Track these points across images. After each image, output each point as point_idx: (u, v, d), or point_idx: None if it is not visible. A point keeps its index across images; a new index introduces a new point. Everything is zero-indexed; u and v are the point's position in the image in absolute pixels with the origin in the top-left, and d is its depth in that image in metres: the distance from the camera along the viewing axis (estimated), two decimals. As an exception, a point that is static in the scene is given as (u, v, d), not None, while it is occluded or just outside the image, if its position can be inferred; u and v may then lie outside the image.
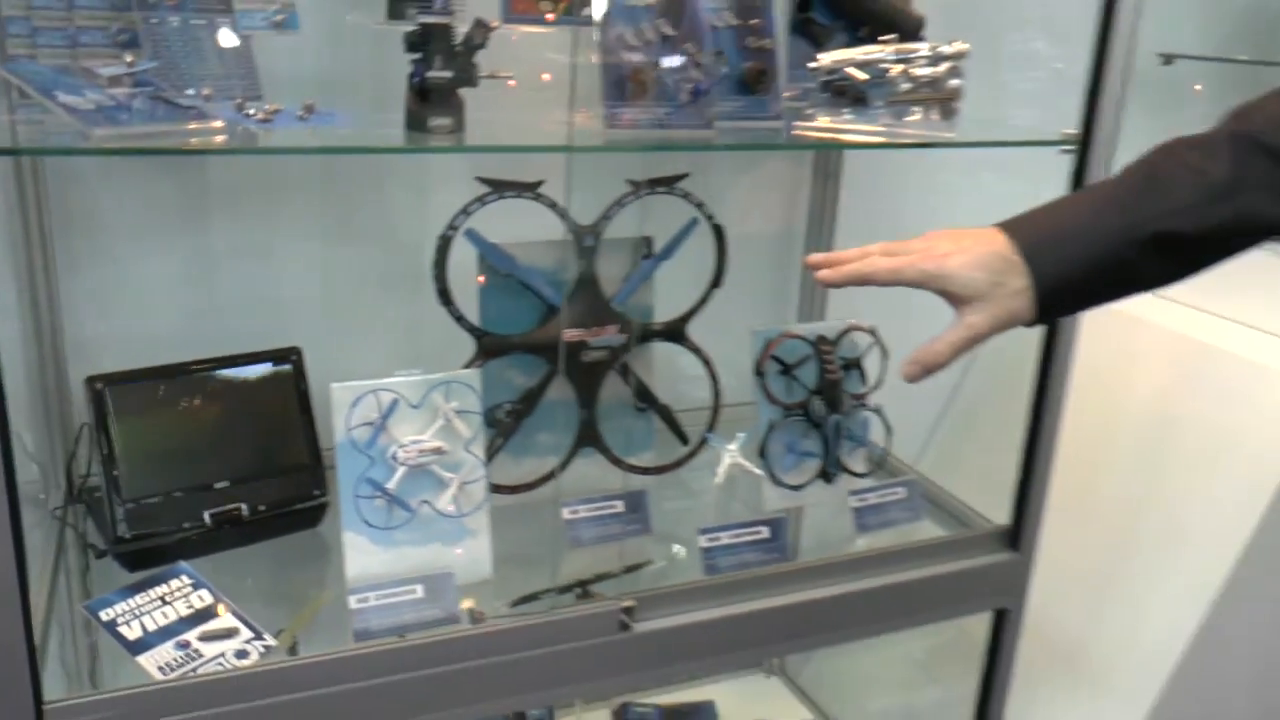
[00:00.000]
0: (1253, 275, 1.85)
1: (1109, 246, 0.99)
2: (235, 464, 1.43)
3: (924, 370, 1.01)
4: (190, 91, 1.17)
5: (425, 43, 1.16)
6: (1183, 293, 1.94)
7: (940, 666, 1.94)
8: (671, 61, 1.25)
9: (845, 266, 1.01)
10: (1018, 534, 1.56)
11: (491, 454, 1.48)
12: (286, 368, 1.49)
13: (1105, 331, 1.95)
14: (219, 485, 1.42)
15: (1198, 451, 1.78)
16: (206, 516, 1.39)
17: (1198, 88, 2.24)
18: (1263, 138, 0.96)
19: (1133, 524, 1.82)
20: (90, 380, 1.35)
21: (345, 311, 1.64)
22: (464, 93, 1.21)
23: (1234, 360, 1.79)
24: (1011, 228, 1.00)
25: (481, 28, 1.17)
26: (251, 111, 1.17)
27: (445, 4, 1.15)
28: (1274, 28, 2.04)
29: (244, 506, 1.42)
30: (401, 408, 1.34)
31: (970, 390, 2.11)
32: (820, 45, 1.58)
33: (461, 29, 1.19)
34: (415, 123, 1.18)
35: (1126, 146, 1.89)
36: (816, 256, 1.05)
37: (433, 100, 1.17)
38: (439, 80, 1.15)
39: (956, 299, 0.99)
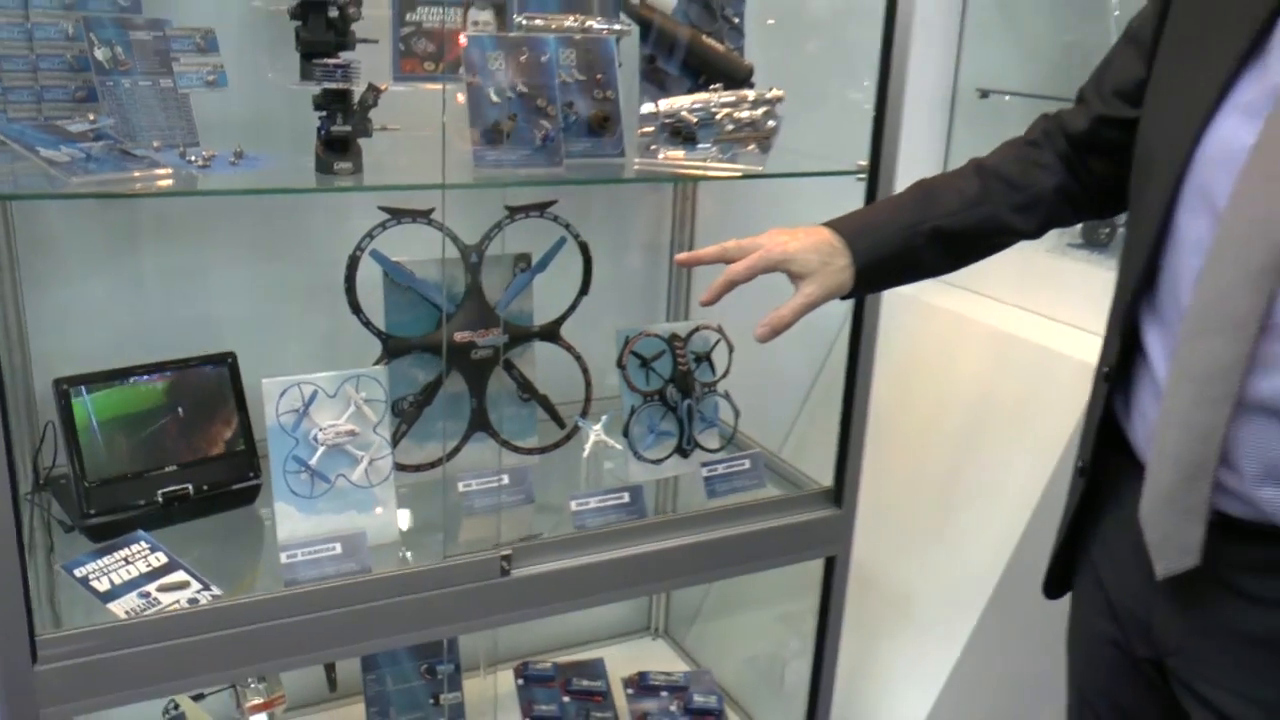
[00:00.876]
0: (1059, 277, 2.23)
1: (903, 236, 1.38)
2: (182, 451, 1.71)
3: (772, 331, 1.35)
4: (142, 144, 1.46)
5: (328, 104, 1.46)
6: (1000, 291, 2.32)
7: (800, 622, 2.25)
8: (526, 112, 1.57)
9: (715, 285, 1.34)
10: (840, 493, 1.88)
11: (398, 439, 1.77)
12: (224, 369, 1.77)
13: (932, 326, 2.30)
14: (169, 469, 1.69)
15: (1004, 424, 2.11)
16: (159, 495, 1.67)
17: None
18: (998, 169, 1.40)
19: (950, 487, 2.16)
20: (58, 381, 1.62)
21: (273, 321, 1.92)
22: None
23: (1032, 347, 2.13)
24: (834, 224, 1.39)
25: (373, 90, 1.47)
26: (192, 158, 1.46)
27: (344, 72, 1.45)
28: (1086, 66, 2.37)
29: (190, 487, 1.70)
30: (320, 398, 1.62)
31: (822, 384, 2.44)
32: (667, 91, 1.89)
33: (359, 90, 1.49)
34: (323, 166, 1.48)
35: (954, 164, 2.27)
36: (683, 255, 1.42)
37: (336, 149, 1.47)
38: (340, 133, 1.45)
39: (796, 276, 1.35)
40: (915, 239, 1.38)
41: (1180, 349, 1.17)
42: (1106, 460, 1.34)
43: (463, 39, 1.56)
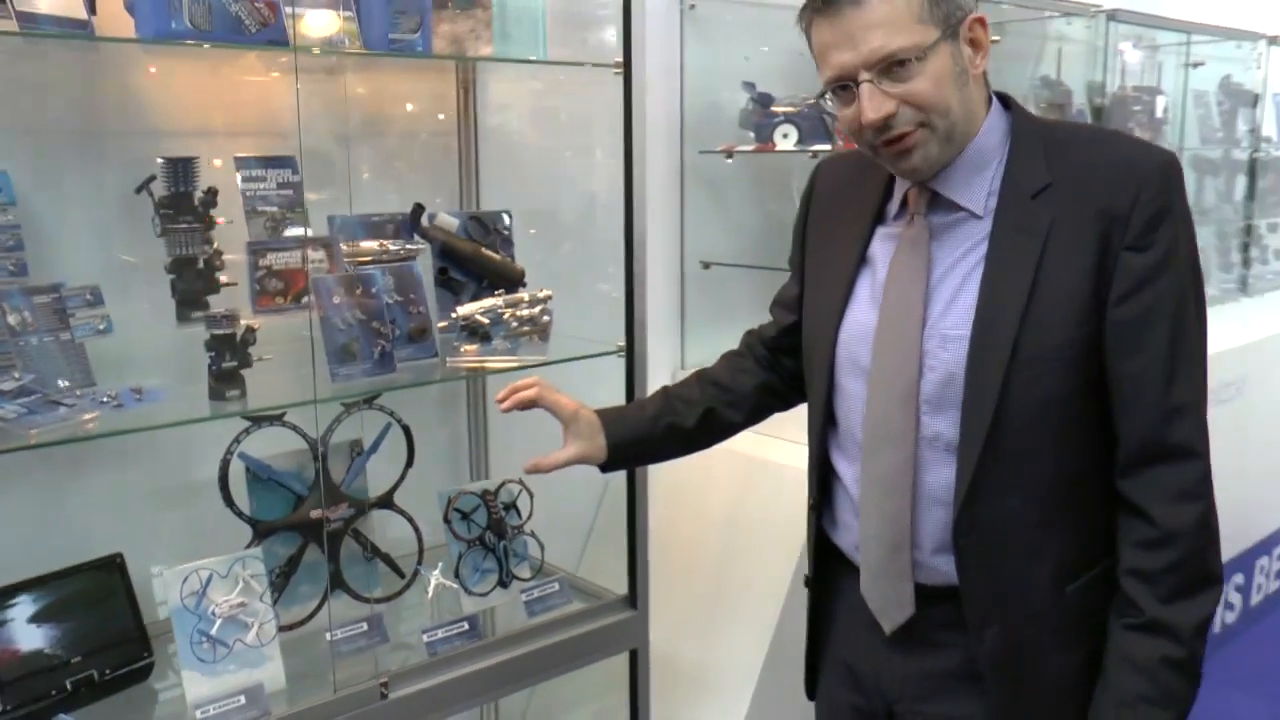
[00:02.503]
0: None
1: (646, 428, 1.82)
2: (86, 643, 2.01)
3: (536, 468, 1.79)
4: (57, 393, 1.82)
5: (217, 345, 1.87)
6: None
7: (615, 715, 2.70)
8: (365, 334, 2.02)
9: (505, 391, 1.79)
10: (634, 598, 2.36)
11: (273, 603, 2.13)
12: (114, 570, 2.09)
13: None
14: (74, 660, 2.00)
15: (757, 526, 2.66)
16: (68, 684, 1.97)
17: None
18: (713, 375, 1.88)
19: (720, 582, 2.69)
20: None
21: (160, 517, 2.25)
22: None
23: (773, 465, 2.70)
24: (600, 411, 1.83)
25: (250, 330, 1.89)
26: (104, 399, 1.83)
27: (228, 320, 1.87)
28: (780, 235, 2.91)
29: (94, 673, 2.01)
30: (214, 579, 1.98)
31: (603, 513, 2.93)
32: (458, 295, 2.37)
33: (239, 331, 1.90)
34: (216, 394, 1.89)
35: (691, 328, 2.82)
36: (501, 392, 1.83)
37: (226, 379, 1.88)
38: (230, 368, 1.87)
39: (567, 431, 1.80)
40: (655, 429, 1.83)
41: (865, 461, 1.58)
42: (827, 567, 1.74)
43: (310, 280, 2.00)
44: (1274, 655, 4.37)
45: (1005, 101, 1.58)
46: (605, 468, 1.85)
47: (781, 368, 1.87)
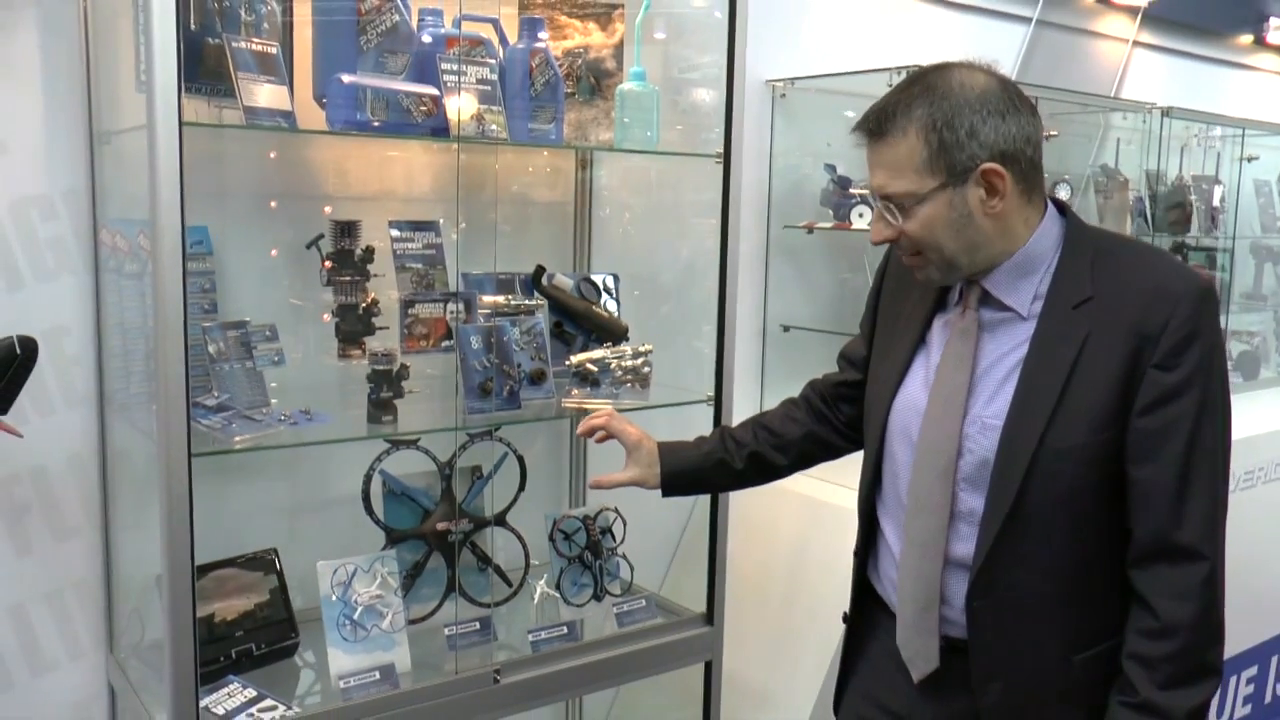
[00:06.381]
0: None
1: (698, 462, 2.05)
2: (246, 621, 2.39)
3: (598, 485, 2.07)
4: (248, 410, 2.22)
5: (377, 379, 2.26)
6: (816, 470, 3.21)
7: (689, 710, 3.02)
8: (498, 375, 2.41)
9: (585, 422, 2.10)
10: (710, 615, 2.69)
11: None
12: (270, 562, 2.48)
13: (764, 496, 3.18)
14: (238, 634, 2.38)
15: (820, 562, 2.98)
16: (233, 653, 2.35)
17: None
18: (765, 420, 2.09)
19: (786, 611, 3.01)
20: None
21: (313, 517, 2.64)
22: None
23: (833, 507, 3.02)
24: (663, 445, 2.07)
25: (404, 368, 2.28)
26: (281, 418, 2.22)
27: (386, 357, 2.25)
28: (854, 302, 3.21)
29: (252, 646, 2.39)
30: (358, 573, 2.36)
31: (685, 543, 3.27)
32: (569, 346, 2.73)
33: (395, 367, 2.29)
34: (373, 419, 2.27)
35: (770, 383, 3.16)
36: (582, 422, 2.12)
37: (382, 408, 2.26)
38: (386, 398, 2.25)
39: (629, 458, 2.06)
40: (706, 464, 2.05)
41: (907, 525, 1.72)
42: (864, 608, 1.89)
43: (455, 328, 2.39)
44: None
45: (1061, 208, 1.71)
46: (664, 493, 2.07)
47: (838, 415, 2.05)
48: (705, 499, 2.71)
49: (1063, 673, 1.65)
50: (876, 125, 1.59)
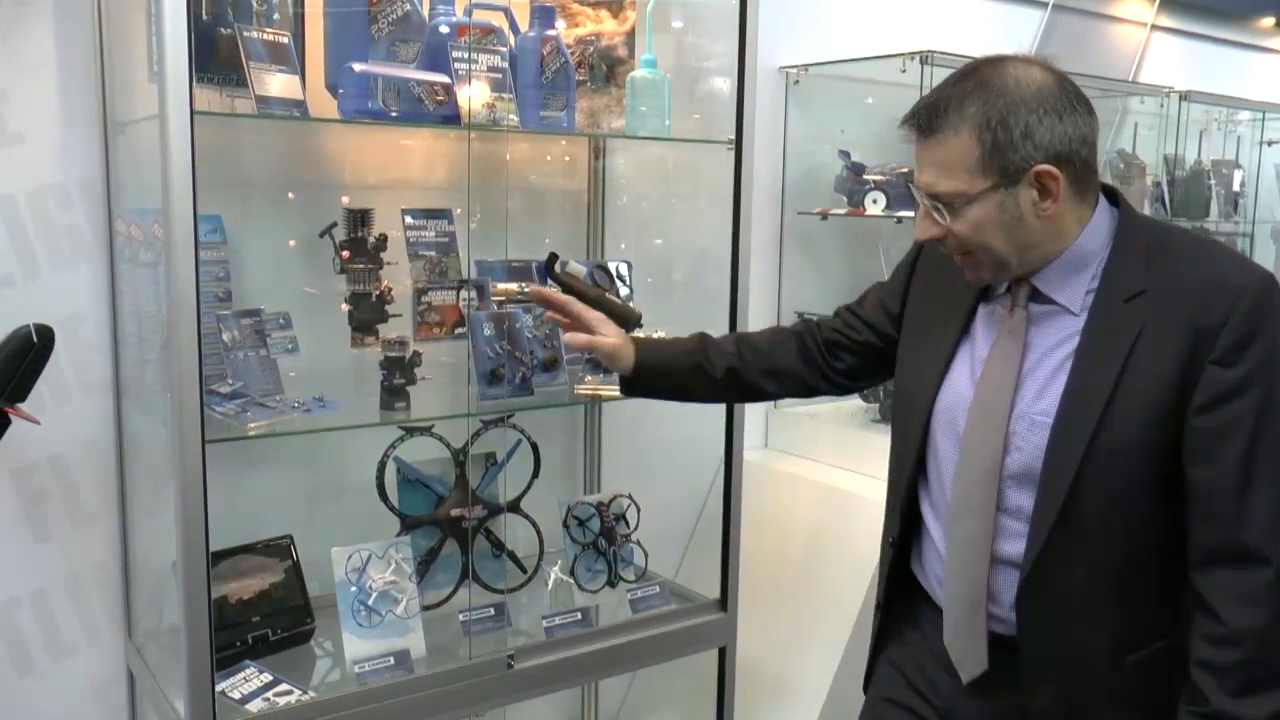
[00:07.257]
0: (865, 443, 3.14)
1: (671, 360, 1.98)
2: (263, 607, 2.42)
3: (573, 341, 2.02)
4: (261, 398, 2.23)
5: (389, 366, 2.27)
6: (826, 457, 3.21)
7: (701, 713, 3.03)
8: (510, 362, 2.42)
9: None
10: (724, 601, 2.70)
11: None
12: (285, 549, 2.50)
13: (778, 482, 3.18)
14: (254, 619, 2.40)
15: (836, 550, 2.99)
16: (249, 638, 2.37)
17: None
18: (752, 338, 2.03)
19: (800, 598, 3.01)
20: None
21: (327, 504, 2.66)
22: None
23: (845, 493, 3.02)
24: (639, 338, 2.04)
25: (417, 355, 2.29)
26: (294, 405, 2.24)
27: (399, 345, 2.27)
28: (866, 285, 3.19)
29: (269, 631, 2.41)
30: (372, 559, 2.38)
31: (699, 532, 3.28)
32: (584, 333, 2.74)
33: (407, 354, 2.30)
34: (386, 405, 2.29)
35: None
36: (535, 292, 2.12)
37: (395, 394, 2.28)
38: (399, 384, 2.27)
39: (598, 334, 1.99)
40: (681, 365, 1.97)
41: (950, 528, 1.67)
42: (896, 597, 1.83)
43: (467, 315, 2.40)
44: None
45: (1112, 196, 1.63)
46: (630, 389, 2.01)
47: (833, 360, 1.97)
48: (719, 488, 2.72)
49: (1114, 675, 1.61)
50: (927, 121, 1.53)
